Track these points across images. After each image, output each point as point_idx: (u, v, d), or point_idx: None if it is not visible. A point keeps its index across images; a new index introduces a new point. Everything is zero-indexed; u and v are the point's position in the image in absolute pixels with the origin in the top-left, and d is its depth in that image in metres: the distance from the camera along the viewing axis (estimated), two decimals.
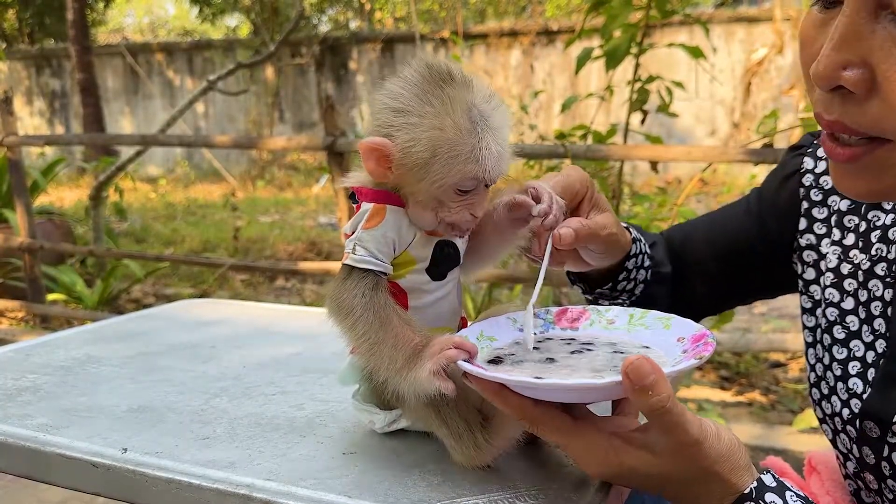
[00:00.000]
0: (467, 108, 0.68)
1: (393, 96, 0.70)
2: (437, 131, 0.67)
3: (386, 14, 15.90)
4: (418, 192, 0.71)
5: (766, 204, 0.97)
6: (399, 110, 0.69)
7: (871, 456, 0.78)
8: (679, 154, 3.07)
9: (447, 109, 0.67)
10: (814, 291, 0.89)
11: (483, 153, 0.68)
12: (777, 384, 3.38)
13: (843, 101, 0.60)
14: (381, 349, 0.69)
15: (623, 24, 2.83)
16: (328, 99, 3.56)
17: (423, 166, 0.68)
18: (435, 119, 0.67)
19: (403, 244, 0.73)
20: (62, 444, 0.80)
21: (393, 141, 0.69)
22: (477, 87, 0.70)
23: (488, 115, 0.69)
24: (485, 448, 0.71)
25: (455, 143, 0.67)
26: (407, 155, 0.68)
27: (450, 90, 0.68)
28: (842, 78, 0.58)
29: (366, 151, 0.69)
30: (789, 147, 0.98)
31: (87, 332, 1.26)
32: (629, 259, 0.94)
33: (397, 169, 0.70)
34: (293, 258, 6.14)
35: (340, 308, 0.71)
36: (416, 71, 0.70)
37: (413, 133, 0.68)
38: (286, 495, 0.69)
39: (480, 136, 0.68)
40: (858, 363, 0.80)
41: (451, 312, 0.78)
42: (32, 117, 12.70)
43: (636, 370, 0.60)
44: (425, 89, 0.68)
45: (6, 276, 4.89)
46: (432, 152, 0.68)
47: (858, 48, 0.57)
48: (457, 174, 0.68)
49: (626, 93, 3.11)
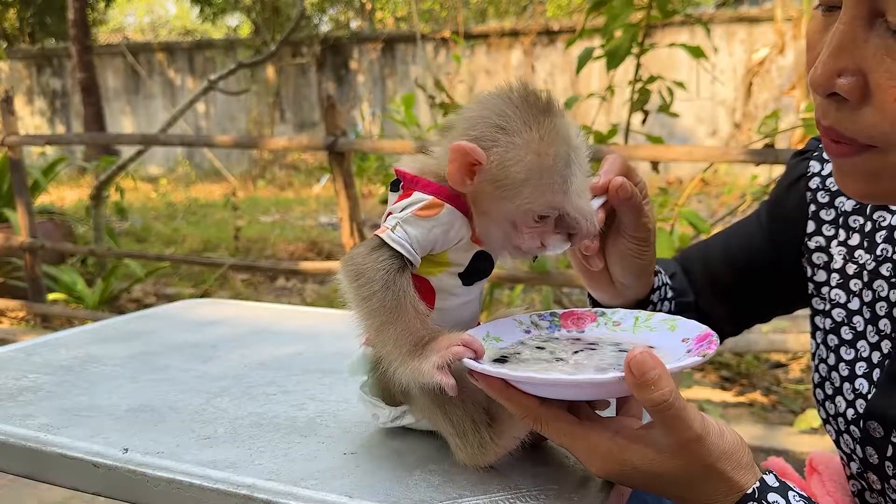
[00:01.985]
0: (567, 142, 0.70)
1: (498, 113, 0.70)
2: (537, 157, 0.69)
3: (387, 14, 15.90)
4: (497, 210, 0.72)
5: (775, 213, 0.96)
6: (503, 128, 0.70)
7: (874, 456, 0.77)
8: (680, 154, 3.07)
9: (549, 138, 0.69)
10: (825, 293, 0.89)
11: (572, 187, 0.70)
12: (778, 385, 3.38)
13: (837, 108, 0.61)
14: (388, 329, 0.69)
15: (624, 23, 2.83)
16: (329, 98, 3.56)
17: (515, 187, 0.69)
18: (540, 146, 0.69)
19: (445, 245, 0.73)
20: (63, 443, 0.80)
21: (488, 155, 0.69)
22: (570, 121, 0.72)
23: (579, 149, 0.71)
24: (489, 447, 0.71)
25: (553, 172, 0.69)
26: (501, 171, 0.69)
27: (556, 120, 0.70)
28: (836, 85, 0.59)
29: (457, 153, 0.69)
30: (794, 152, 0.98)
31: (88, 331, 1.26)
32: (653, 292, 0.93)
33: (483, 182, 0.70)
34: (294, 258, 6.14)
35: (359, 276, 0.70)
36: (519, 94, 0.71)
37: (515, 153, 0.69)
38: (287, 495, 0.69)
39: (573, 171, 0.70)
40: (864, 363, 0.80)
41: (470, 319, 0.79)
42: (33, 117, 12.71)
43: (639, 364, 0.60)
44: (533, 115, 0.70)
45: (7, 275, 4.89)
46: (527, 175, 0.69)
47: (853, 56, 0.58)
48: (544, 203, 0.70)
49: (627, 93, 3.11)
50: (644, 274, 0.87)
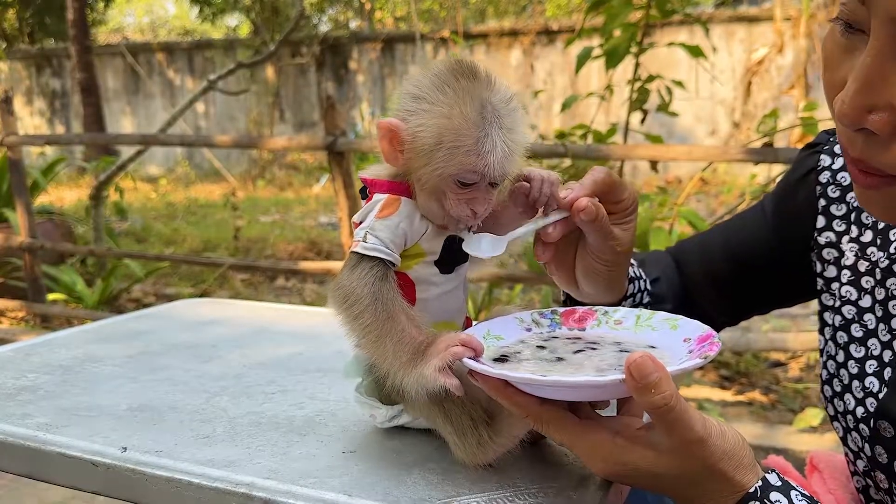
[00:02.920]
0: (480, 102, 0.69)
1: (414, 83, 0.72)
2: (444, 119, 0.68)
3: (386, 14, 15.90)
4: (423, 179, 0.71)
5: (782, 206, 0.95)
6: (416, 96, 0.71)
7: (883, 455, 0.77)
8: (679, 153, 3.07)
9: (459, 100, 0.68)
10: (835, 289, 0.87)
11: (486, 148, 0.68)
12: (777, 384, 3.38)
13: (866, 140, 0.59)
14: (385, 342, 0.69)
15: (623, 23, 2.84)
16: (328, 98, 3.56)
17: (429, 152, 0.69)
18: (445, 107, 0.69)
19: (415, 236, 0.74)
20: (62, 443, 0.80)
21: (406, 125, 0.70)
22: (498, 87, 0.70)
23: (501, 113, 0.69)
24: (488, 446, 0.71)
25: (460, 132, 0.68)
26: (415, 139, 0.70)
27: (467, 83, 0.69)
28: (867, 121, 0.57)
29: (381, 130, 0.71)
30: (804, 146, 0.96)
31: (88, 331, 1.26)
32: (625, 299, 0.91)
33: (407, 153, 0.71)
34: (293, 258, 6.14)
35: (347, 297, 0.71)
36: (444, 64, 0.71)
37: (423, 118, 0.69)
38: (286, 494, 0.69)
39: (487, 131, 0.68)
40: (875, 362, 0.79)
41: (456, 308, 0.78)
42: (33, 117, 12.70)
43: (639, 367, 0.59)
44: (444, 80, 0.70)
45: (6, 275, 4.89)
46: (437, 139, 0.69)
47: (883, 93, 0.55)
48: (458, 165, 0.69)
49: (626, 92, 3.11)
50: (612, 288, 0.86)
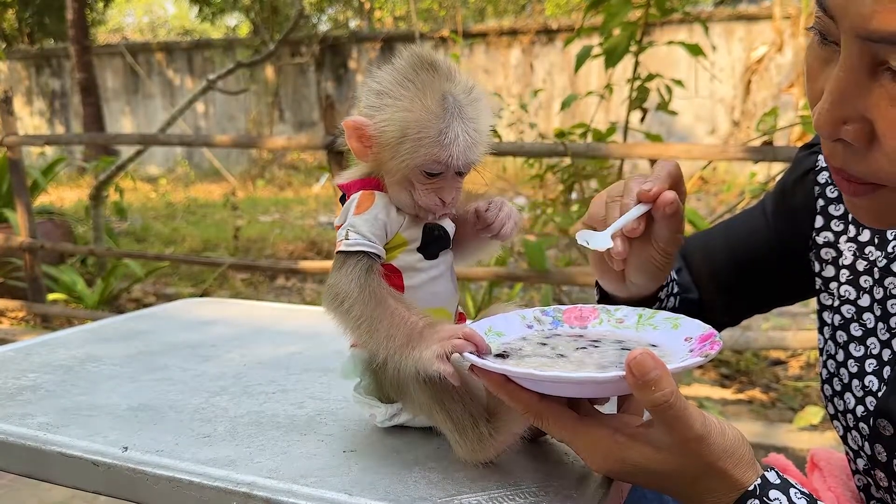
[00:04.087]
0: (441, 94, 0.71)
1: (377, 80, 0.74)
2: (407, 112, 0.71)
3: (385, 13, 15.89)
4: (391, 172, 0.74)
5: (781, 206, 0.95)
6: (379, 92, 0.73)
7: (882, 453, 0.77)
8: (679, 152, 3.07)
9: (420, 93, 0.71)
10: (833, 289, 0.88)
11: (449, 138, 0.70)
12: (777, 382, 3.38)
13: (845, 151, 0.60)
14: (378, 328, 0.70)
15: (622, 22, 2.83)
16: (328, 98, 3.56)
17: (394, 145, 0.72)
18: (407, 101, 0.71)
19: (395, 227, 0.75)
20: (63, 442, 0.80)
21: (372, 121, 0.73)
22: (459, 79, 0.72)
23: (462, 104, 0.71)
24: (488, 442, 0.71)
25: (423, 125, 0.70)
26: (381, 134, 0.72)
27: (426, 76, 0.71)
28: (842, 132, 0.58)
29: (348, 129, 0.74)
30: (802, 146, 0.96)
31: (88, 331, 1.26)
32: (661, 289, 0.92)
33: (375, 149, 0.73)
34: (293, 257, 6.13)
35: (336, 296, 0.72)
36: (404, 59, 0.73)
37: (387, 113, 0.72)
38: (287, 493, 0.69)
39: (449, 123, 0.70)
40: (874, 360, 0.80)
41: (446, 293, 0.79)
42: (32, 117, 12.70)
43: (639, 365, 0.60)
44: (406, 74, 0.72)
45: (7, 275, 4.89)
46: (402, 132, 0.71)
47: (856, 105, 0.56)
48: (423, 156, 0.71)
49: (625, 91, 3.11)
50: (659, 278, 0.86)
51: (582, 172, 3.25)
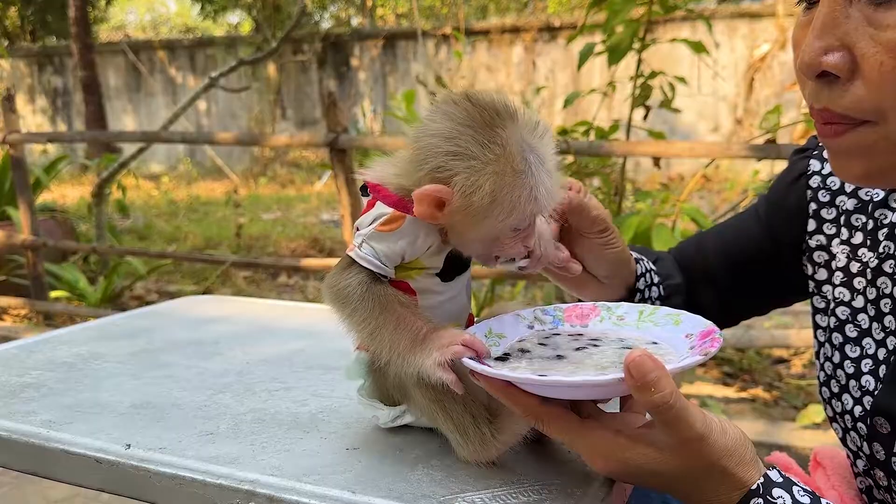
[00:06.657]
0: (520, 147, 0.67)
1: (448, 138, 0.68)
2: (498, 176, 0.67)
3: (388, 11, 15.88)
4: (474, 232, 0.71)
5: (774, 208, 0.97)
6: (457, 154, 0.67)
7: (881, 452, 0.77)
8: (682, 150, 3.07)
9: (503, 151, 0.67)
10: (826, 291, 0.89)
11: (541, 193, 0.69)
12: (780, 380, 3.38)
13: (828, 88, 0.64)
14: (382, 333, 0.70)
15: (625, 19, 2.83)
16: (330, 96, 3.55)
17: (483, 210, 0.68)
18: (495, 164, 0.67)
19: (416, 254, 0.73)
20: (66, 440, 0.80)
21: (450, 186, 0.68)
22: (525, 119, 0.69)
23: (538, 149, 0.69)
24: (491, 444, 0.71)
25: (514, 186, 0.68)
26: (467, 199, 0.67)
27: (502, 131, 0.67)
28: (824, 63, 0.63)
29: (424, 198, 0.68)
30: (794, 150, 0.98)
31: (90, 328, 1.27)
32: (638, 279, 0.95)
33: (453, 213, 0.69)
34: (296, 255, 6.13)
35: (339, 296, 0.72)
36: (464, 109, 0.69)
37: (475, 178, 0.67)
38: (290, 490, 0.69)
39: (537, 178, 0.68)
40: (871, 360, 0.80)
41: (459, 311, 0.79)
42: (35, 115, 12.70)
43: (638, 367, 0.60)
44: (480, 131, 0.67)
45: (9, 273, 4.90)
46: (493, 197, 0.67)
47: (836, 33, 0.62)
48: (517, 216, 0.69)
49: (628, 89, 3.10)
50: (620, 260, 0.90)
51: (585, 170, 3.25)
